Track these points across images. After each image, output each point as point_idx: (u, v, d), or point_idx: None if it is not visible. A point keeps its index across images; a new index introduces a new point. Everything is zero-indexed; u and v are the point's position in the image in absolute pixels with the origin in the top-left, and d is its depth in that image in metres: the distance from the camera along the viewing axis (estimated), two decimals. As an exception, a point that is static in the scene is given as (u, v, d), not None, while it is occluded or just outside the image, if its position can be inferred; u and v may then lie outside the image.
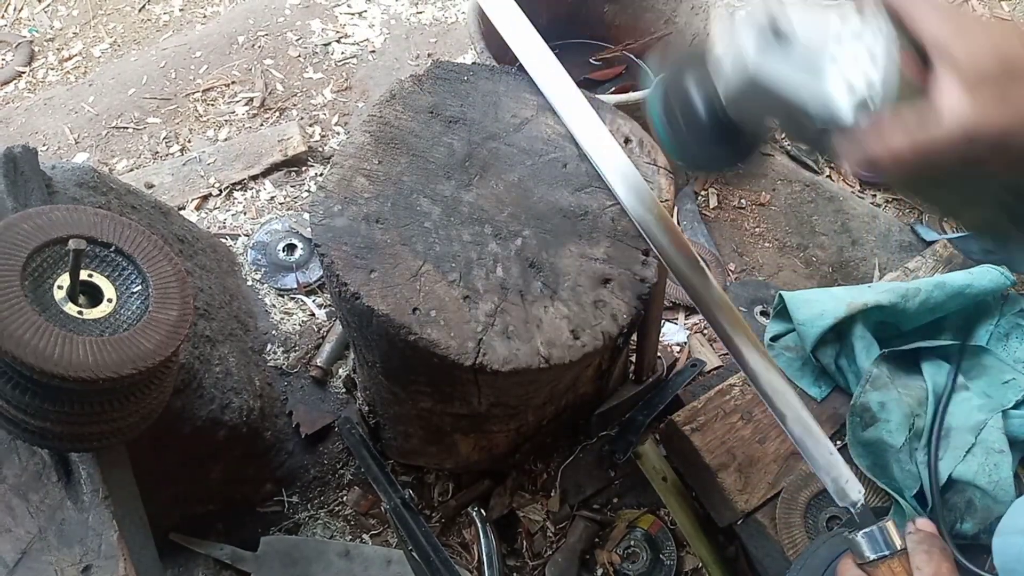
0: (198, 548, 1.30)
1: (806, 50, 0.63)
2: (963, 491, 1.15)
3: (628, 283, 0.95)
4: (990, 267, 1.36)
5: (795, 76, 0.63)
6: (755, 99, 0.67)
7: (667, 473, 1.35)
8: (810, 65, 0.63)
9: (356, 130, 1.01)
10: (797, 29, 0.63)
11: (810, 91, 0.63)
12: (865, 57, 0.61)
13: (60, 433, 0.87)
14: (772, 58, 0.63)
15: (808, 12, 0.64)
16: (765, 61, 0.64)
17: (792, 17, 0.64)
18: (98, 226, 0.90)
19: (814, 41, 0.63)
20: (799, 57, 0.63)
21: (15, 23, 2.18)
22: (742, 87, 0.66)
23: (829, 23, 0.64)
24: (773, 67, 0.64)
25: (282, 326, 1.53)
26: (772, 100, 0.65)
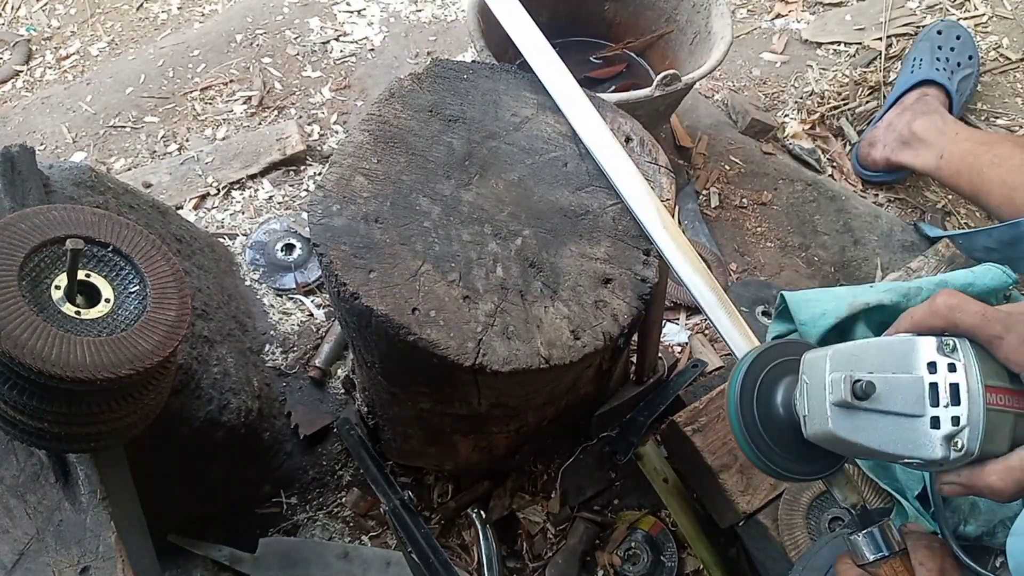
0: (196, 549, 1.30)
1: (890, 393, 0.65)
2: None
3: (629, 283, 0.94)
4: (992, 265, 1.35)
5: (880, 423, 0.65)
6: (839, 447, 0.68)
7: (668, 474, 1.34)
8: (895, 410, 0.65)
9: (355, 129, 1.01)
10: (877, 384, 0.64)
11: (897, 436, 0.65)
12: (947, 394, 0.63)
13: (58, 434, 0.86)
14: (854, 417, 0.65)
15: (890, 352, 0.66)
16: (846, 419, 0.66)
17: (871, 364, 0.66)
18: (96, 226, 0.89)
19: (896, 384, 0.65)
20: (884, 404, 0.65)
21: (12, 21, 2.17)
22: (824, 437, 0.68)
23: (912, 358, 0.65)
24: (856, 425, 0.65)
25: (280, 326, 1.53)
26: (858, 449, 0.67)
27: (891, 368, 0.66)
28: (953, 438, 0.63)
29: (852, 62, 2.04)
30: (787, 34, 2.11)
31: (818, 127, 1.95)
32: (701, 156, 1.83)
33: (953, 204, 1.85)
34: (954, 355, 0.65)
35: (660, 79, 1.41)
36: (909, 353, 0.66)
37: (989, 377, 0.63)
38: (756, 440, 0.76)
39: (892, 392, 0.65)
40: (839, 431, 0.66)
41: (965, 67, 1.86)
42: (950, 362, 0.64)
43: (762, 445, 0.76)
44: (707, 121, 1.90)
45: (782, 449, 0.76)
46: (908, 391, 0.65)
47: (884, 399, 0.65)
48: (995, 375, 0.64)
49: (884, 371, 0.66)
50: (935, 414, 0.64)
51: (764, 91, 2.01)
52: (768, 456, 0.76)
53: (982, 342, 0.65)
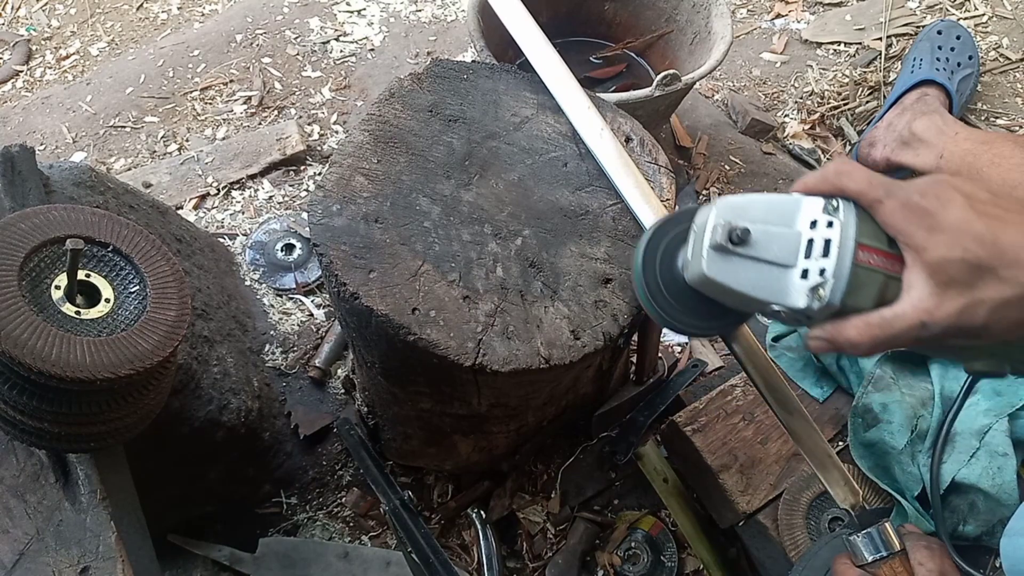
0: (196, 549, 1.30)
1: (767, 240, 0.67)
2: (966, 494, 1.15)
3: (629, 283, 0.94)
4: None
5: (752, 269, 0.68)
6: (712, 290, 0.71)
7: (668, 474, 1.34)
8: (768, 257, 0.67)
9: (355, 129, 1.01)
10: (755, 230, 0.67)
11: (765, 283, 0.67)
12: (820, 248, 0.66)
13: (57, 434, 0.86)
14: (728, 258, 0.68)
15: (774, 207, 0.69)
16: (720, 262, 0.68)
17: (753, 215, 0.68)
18: (96, 226, 0.89)
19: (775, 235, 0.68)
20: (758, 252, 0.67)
21: (12, 21, 2.17)
22: (699, 280, 0.70)
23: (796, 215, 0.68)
24: (728, 268, 0.68)
25: (280, 326, 1.53)
26: (729, 293, 0.69)
27: (773, 222, 0.68)
28: (818, 289, 0.65)
29: (852, 62, 2.04)
30: (787, 34, 2.11)
31: (818, 127, 1.95)
32: (701, 156, 1.83)
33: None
34: (836, 214, 0.67)
35: (660, 79, 1.41)
36: (794, 210, 0.69)
37: (866, 237, 0.66)
38: (656, 295, 0.78)
39: (768, 241, 0.67)
40: (711, 272, 0.68)
41: (965, 67, 1.86)
42: (830, 220, 0.66)
43: (661, 300, 0.78)
44: (707, 121, 1.90)
45: (682, 306, 0.78)
46: (785, 242, 0.67)
47: (759, 247, 0.67)
48: (873, 236, 0.66)
49: (766, 224, 0.68)
50: (805, 266, 0.66)
51: (764, 91, 2.01)
52: (667, 310, 0.78)
53: (865, 205, 0.67)
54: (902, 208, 0.64)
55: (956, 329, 0.62)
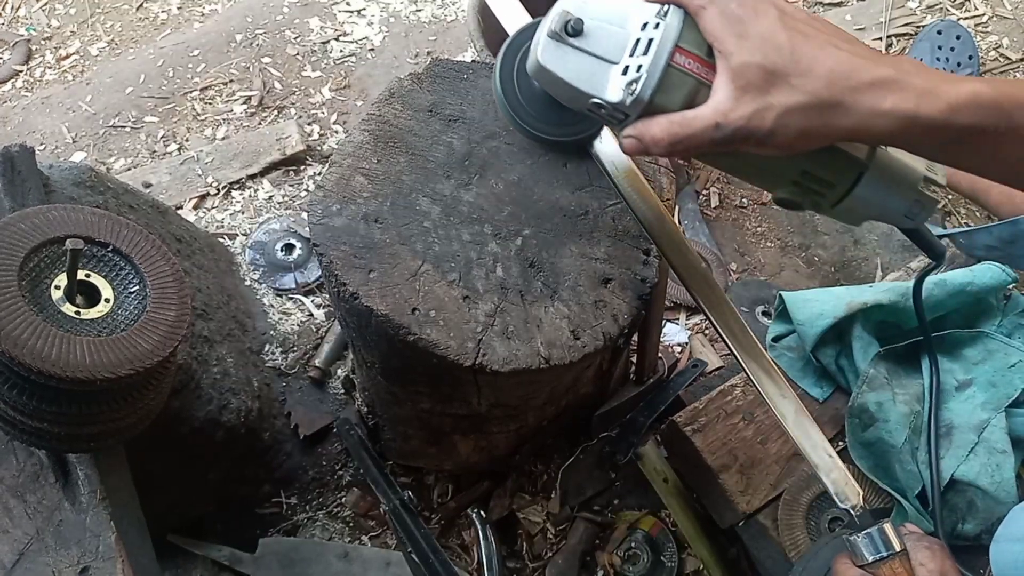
0: (196, 549, 1.30)
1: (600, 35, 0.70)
2: (964, 492, 1.15)
3: (629, 283, 0.94)
4: (991, 264, 1.35)
5: (580, 61, 0.70)
6: (545, 81, 0.73)
7: (668, 474, 1.34)
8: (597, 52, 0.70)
9: (355, 129, 1.01)
10: (589, 23, 0.69)
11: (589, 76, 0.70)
12: (643, 47, 0.68)
13: (57, 434, 0.86)
14: (561, 48, 0.70)
15: (616, 8, 0.71)
16: (553, 49, 0.70)
17: (593, 10, 0.70)
18: (95, 226, 0.89)
19: (608, 32, 0.70)
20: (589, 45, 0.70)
21: (12, 21, 2.17)
22: (534, 71, 0.73)
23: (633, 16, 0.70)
24: (559, 56, 0.70)
25: (280, 326, 1.52)
26: (558, 83, 0.71)
27: (609, 20, 0.70)
28: (632, 84, 0.67)
29: (852, 62, 2.03)
30: (787, 34, 2.10)
31: (818, 127, 1.94)
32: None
33: (953, 204, 1.85)
34: (665, 19, 0.68)
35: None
36: (630, 13, 0.71)
37: (686, 42, 0.67)
38: (514, 104, 0.81)
39: (600, 36, 0.70)
40: (543, 59, 0.70)
41: (965, 67, 1.86)
42: (657, 22, 0.68)
43: (520, 110, 0.81)
44: (707, 121, 1.90)
45: (539, 115, 0.82)
46: (615, 39, 0.70)
47: (591, 40, 0.69)
48: (694, 43, 0.67)
49: (602, 21, 0.70)
50: (627, 63, 0.68)
51: (764, 91, 2.00)
52: (524, 118, 0.82)
53: (691, 12, 0.68)
54: (720, 15, 0.66)
55: (746, 132, 0.64)
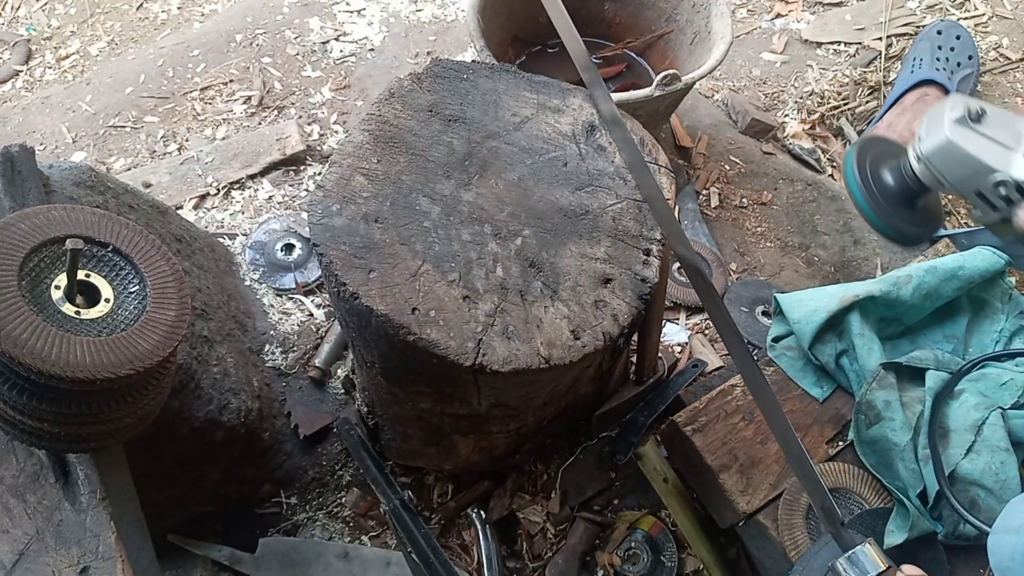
0: (196, 549, 1.30)
1: (995, 128, 0.82)
2: (967, 490, 1.15)
3: (629, 283, 0.94)
4: (982, 247, 1.35)
5: (983, 143, 0.81)
6: (948, 159, 0.84)
7: (668, 474, 1.34)
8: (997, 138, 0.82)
9: (355, 129, 1.01)
10: (989, 112, 0.82)
11: (995, 155, 0.81)
12: None
13: (57, 434, 0.86)
14: (966, 130, 0.82)
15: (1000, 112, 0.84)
16: (960, 130, 0.82)
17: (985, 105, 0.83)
18: (95, 226, 0.89)
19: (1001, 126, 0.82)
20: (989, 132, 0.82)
21: (12, 21, 2.17)
22: (938, 147, 0.84)
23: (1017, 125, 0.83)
24: (967, 135, 0.82)
25: (280, 326, 1.52)
26: (963, 161, 0.82)
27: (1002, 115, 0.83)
28: None
29: (852, 62, 2.04)
30: (787, 34, 2.11)
31: (818, 127, 1.94)
32: (701, 156, 1.83)
33: (953, 204, 1.85)
34: None
35: (660, 79, 1.41)
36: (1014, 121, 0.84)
37: None
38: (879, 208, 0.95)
39: (999, 126, 0.82)
40: (954, 137, 0.82)
41: (965, 67, 1.86)
42: None
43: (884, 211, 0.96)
44: (707, 121, 1.90)
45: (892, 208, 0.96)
46: (1011, 131, 0.82)
47: (992, 129, 0.82)
48: None
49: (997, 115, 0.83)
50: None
51: (764, 91, 2.01)
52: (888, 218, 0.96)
53: None
54: None
55: None
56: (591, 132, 1.05)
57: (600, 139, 1.05)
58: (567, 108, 1.07)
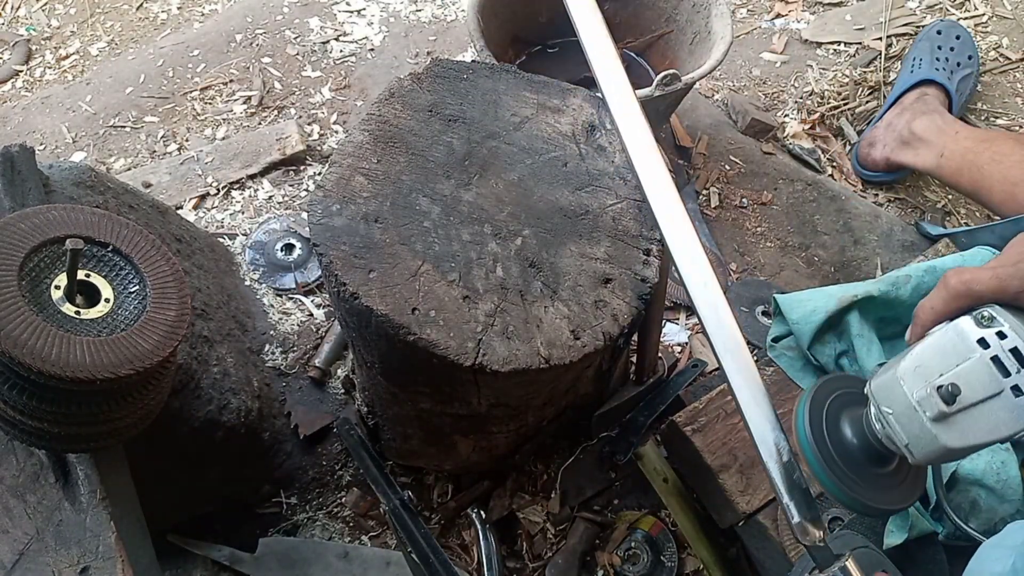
0: (196, 549, 1.30)
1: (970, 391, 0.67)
2: (967, 491, 1.15)
3: (629, 283, 0.94)
4: (981, 247, 1.35)
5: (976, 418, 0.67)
6: (951, 458, 0.70)
7: (668, 474, 1.34)
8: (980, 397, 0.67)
9: (355, 129, 1.01)
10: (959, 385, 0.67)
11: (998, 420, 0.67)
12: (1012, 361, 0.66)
13: (57, 434, 0.86)
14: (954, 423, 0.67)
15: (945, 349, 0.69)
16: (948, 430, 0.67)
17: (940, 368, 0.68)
18: (95, 225, 0.89)
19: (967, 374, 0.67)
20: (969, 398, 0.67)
21: (12, 21, 2.17)
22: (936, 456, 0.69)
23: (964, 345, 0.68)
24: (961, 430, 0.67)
25: (280, 326, 1.52)
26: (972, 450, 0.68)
27: (953, 363, 0.68)
28: None
29: (852, 62, 2.03)
30: (787, 34, 2.11)
31: (818, 127, 1.94)
32: (701, 156, 1.83)
33: (953, 204, 1.85)
34: (994, 323, 0.67)
35: (660, 79, 1.41)
36: (957, 341, 0.69)
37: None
38: (839, 474, 0.77)
39: (970, 383, 0.67)
40: (951, 442, 0.67)
41: (965, 67, 1.86)
42: (996, 331, 0.66)
43: (845, 479, 0.77)
44: (707, 121, 1.90)
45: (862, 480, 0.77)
46: (979, 374, 0.67)
47: (967, 393, 0.67)
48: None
49: (950, 369, 0.67)
50: (1013, 383, 0.66)
51: (764, 91, 2.01)
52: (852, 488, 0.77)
53: (1009, 302, 0.67)
54: None
55: None
56: (591, 132, 1.05)
57: (600, 139, 1.05)
58: (567, 108, 1.07)
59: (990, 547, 0.88)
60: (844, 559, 0.79)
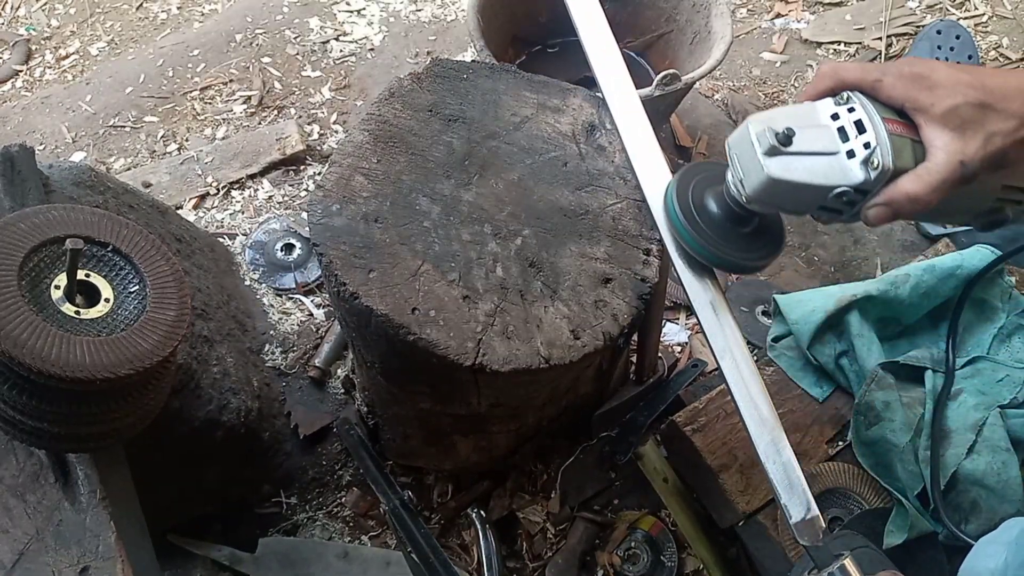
0: (196, 549, 1.30)
1: (809, 138, 0.75)
2: (967, 491, 1.15)
3: (629, 283, 0.94)
4: (980, 246, 1.35)
5: (806, 163, 0.75)
6: (775, 194, 0.77)
7: (668, 474, 1.34)
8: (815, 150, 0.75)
9: (355, 129, 1.01)
10: (795, 129, 0.75)
11: (823, 170, 0.75)
12: (854, 129, 0.75)
13: (57, 434, 0.86)
14: (783, 158, 0.75)
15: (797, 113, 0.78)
16: (777, 162, 0.75)
17: (785, 121, 0.76)
18: (95, 225, 0.89)
19: (810, 132, 0.76)
20: (806, 146, 0.75)
21: (12, 21, 2.17)
22: (762, 188, 0.77)
23: (816, 115, 0.78)
24: (786, 166, 0.75)
25: (280, 326, 1.52)
26: (793, 191, 0.76)
27: (803, 124, 0.76)
28: (869, 159, 0.74)
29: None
30: (787, 34, 2.11)
31: (818, 127, 1.94)
32: (701, 156, 1.83)
33: (953, 204, 1.85)
34: (849, 102, 0.76)
35: (660, 79, 1.40)
36: (812, 112, 0.78)
37: (884, 112, 0.75)
38: (704, 235, 0.86)
39: (809, 137, 0.75)
40: (775, 172, 0.75)
41: (965, 67, 1.86)
42: (848, 107, 0.76)
43: (709, 238, 0.86)
44: (707, 121, 1.90)
45: (725, 242, 0.86)
46: (822, 135, 0.76)
47: (803, 143, 0.75)
48: (885, 111, 0.75)
49: (798, 126, 0.76)
50: (849, 147, 0.75)
51: (764, 91, 2.01)
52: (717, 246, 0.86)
53: (867, 88, 0.76)
54: (899, 79, 0.74)
55: (988, 160, 0.72)
56: (591, 132, 1.05)
57: (600, 139, 1.05)
58: (567, 108, 1.07)
59: (985, 543, 0.89)
60: (843, 559, 0.80)
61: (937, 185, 0.73)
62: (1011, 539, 0.86)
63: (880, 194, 0.75)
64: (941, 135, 0.73)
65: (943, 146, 0.72)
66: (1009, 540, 0.86)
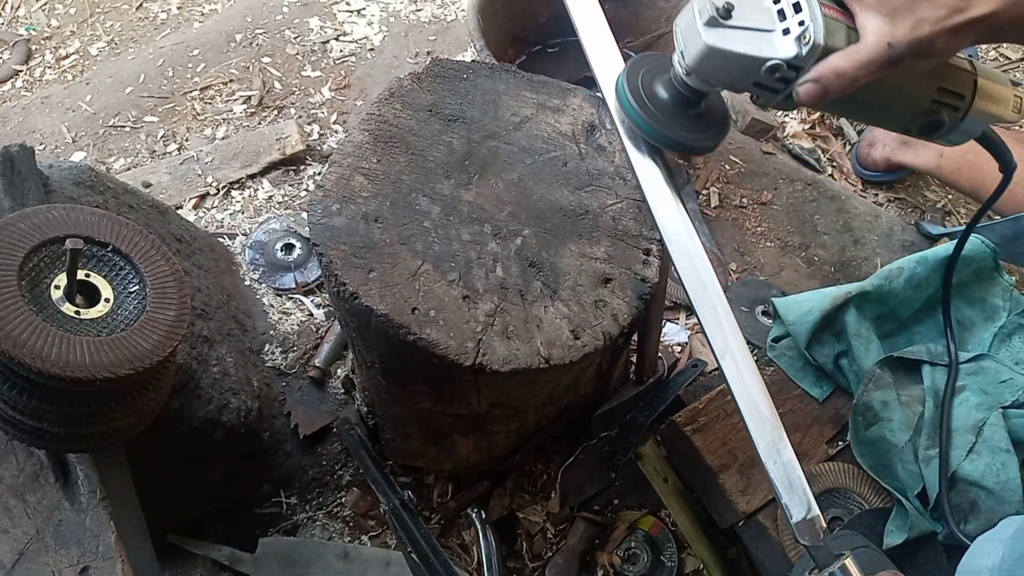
0: (196, 549, 1.30)
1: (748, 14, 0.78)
2: (966, 492, 1.15)
3: (629, 283, 0.94)
4: (972, 236, 1.34)
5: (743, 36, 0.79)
6: (713, 64, 0.81)
7: (668, 474, 1.34)
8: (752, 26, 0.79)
9: (355, 129, 1.01)
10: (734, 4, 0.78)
11: (758, 44, 0.78)
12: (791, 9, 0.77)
13: (57, 434, 0.86)
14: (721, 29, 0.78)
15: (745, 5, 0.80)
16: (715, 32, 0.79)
17: None
18: (95, 225, 0.89)
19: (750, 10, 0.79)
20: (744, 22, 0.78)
21: (12, 21, 2.17)
22: (700, 57, 0.80)
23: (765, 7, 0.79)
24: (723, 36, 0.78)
25: (280, 326, 1.52)
26: (729, 61, 0.79)
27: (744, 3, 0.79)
28: (803, 35, 0.76)
29: (852, 62, 2.03)
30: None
31: (818, 127, 1.95)
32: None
33: (953, 203, 1.85)
34: None
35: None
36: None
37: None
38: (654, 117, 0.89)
39: (747, 14, 0.79)
40: (711, 41, 0.78)
41: (965, 67, 1.86)
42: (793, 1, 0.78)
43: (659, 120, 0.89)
44: (707, 121, 1.89)
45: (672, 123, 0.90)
46: (761, 13, 0.79)
47: (742, 19, 0.78)
48: None
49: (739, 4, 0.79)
50: (785, 26, 0.78)
51: (764, 91, 2.00)
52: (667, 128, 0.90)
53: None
54: None
55: (915, 45, 0.75)
56: (591, 132, 1.05)
57: (600, 139, 1.05)
58: (567, 108, 1.07)
59: (983, 541, 0.90)
60: (844, 559, 0.80)
61: (864, 63, 0.75)
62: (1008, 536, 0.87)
63: (812, 71, 0.77)
64: (873, 19, 0.75)
65: (873, 29, 0.75)
66: (1006, 537, 0.87)
